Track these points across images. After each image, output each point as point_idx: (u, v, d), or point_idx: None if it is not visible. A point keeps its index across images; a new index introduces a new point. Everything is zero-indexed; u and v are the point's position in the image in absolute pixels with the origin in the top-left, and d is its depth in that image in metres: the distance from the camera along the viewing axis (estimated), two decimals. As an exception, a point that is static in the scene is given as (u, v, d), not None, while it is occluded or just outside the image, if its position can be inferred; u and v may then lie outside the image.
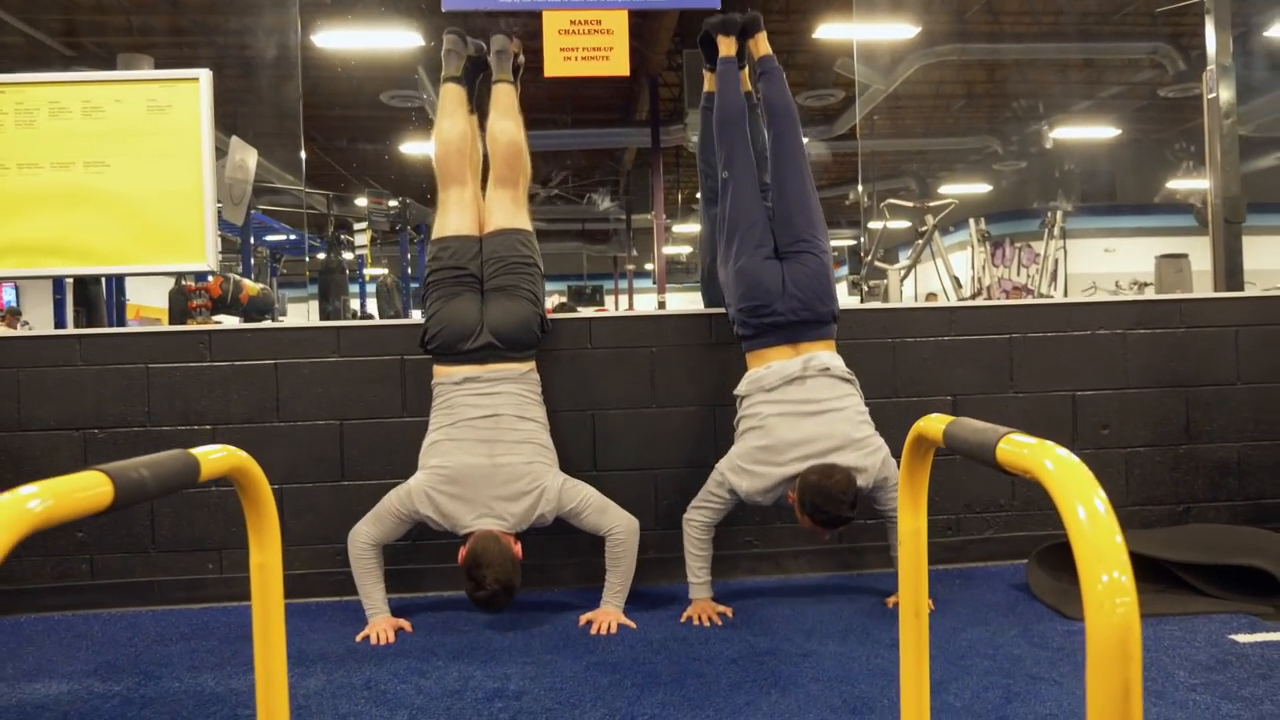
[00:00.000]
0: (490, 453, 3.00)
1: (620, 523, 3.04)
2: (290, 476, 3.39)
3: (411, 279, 12.34)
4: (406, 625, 3.03)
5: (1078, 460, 0.97)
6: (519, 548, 2.97)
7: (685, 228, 20.93)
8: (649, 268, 21.22)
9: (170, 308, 9.28)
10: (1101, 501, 0.90)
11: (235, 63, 11.28)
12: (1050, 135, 13.91)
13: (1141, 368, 3.56)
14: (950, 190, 17.45)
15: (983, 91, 15.11)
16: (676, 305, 20.11)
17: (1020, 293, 10.81)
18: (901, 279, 8.37)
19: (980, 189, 16.98)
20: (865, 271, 10.41)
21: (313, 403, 3.40)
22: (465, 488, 2.96)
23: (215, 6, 10.15)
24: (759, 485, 2.93)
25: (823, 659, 2.63)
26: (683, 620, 3.03)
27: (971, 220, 10.74)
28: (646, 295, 20.42)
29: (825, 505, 2.75)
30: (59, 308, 4.92)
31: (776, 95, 3.32)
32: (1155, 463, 3.54)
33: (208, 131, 3.35)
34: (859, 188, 16.91)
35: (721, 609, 3.07)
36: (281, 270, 12.91)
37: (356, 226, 12.06)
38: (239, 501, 3.26)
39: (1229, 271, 4.26)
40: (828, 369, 3.02)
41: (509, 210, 3.23)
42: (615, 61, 3.43)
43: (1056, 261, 11.76)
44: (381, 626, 2.98)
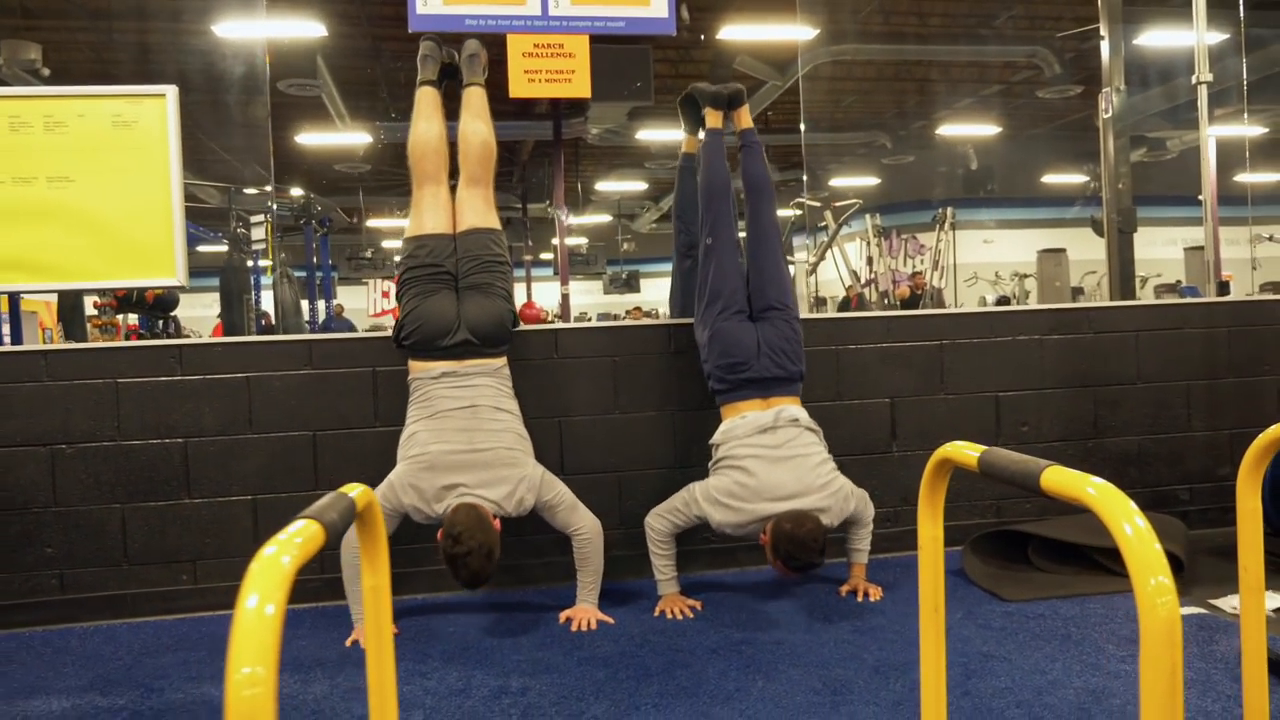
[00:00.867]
0: (470, 440, 3.13)
1: (586, 523, 3.22)
2: (264, 487, 3.46)
3: (317, 269, 12.11)
4: (394, 629, 3.15)
5: (1114, 487, 1.21)
6: (498, 523, 3.06)
7: (582, 219, 21.07)
8: (546, 257, 21.27)
9: (60, 303, 8.97)
10: (1140, 519, 1.14)
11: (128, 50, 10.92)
12: (936, 131, 14.58)
13: (1056, 370, 3.93)
14: (840, 183, 18.12)
15: (872, 88, 15.71)
16: (579, 299, 20.25)
17: (919, 281, 11.38)
18: (809, 272, 8.74)
19: (869, 181, 17.64)
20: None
21: (285, 414, 3.47)
22: (445, 473, 3.07)
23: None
24: (732, 520, 3.16)
25: (795, 646, 2.88)
26: (656, 614, 3.24)
27: (868, 215, 11.23)
28: (546, 285, 20.48)
29: (798, 553, 3.01)
30: (15, 324, 4.77)
31: (757, 170, 3.56)
32: (1068, 456, 3.92)
33: (175, 147, 3.37)
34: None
35: (691, 602, 3.29)
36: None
37: (253, 219, 11.77)
38: (212, 513, 3.33)
39: (1123, 278, 4.68)
40: (796, 420, 3.28)
41: (481, 210, 3.36)
42: (577, 84, 3.59)
43: (939, 254, 12.41)
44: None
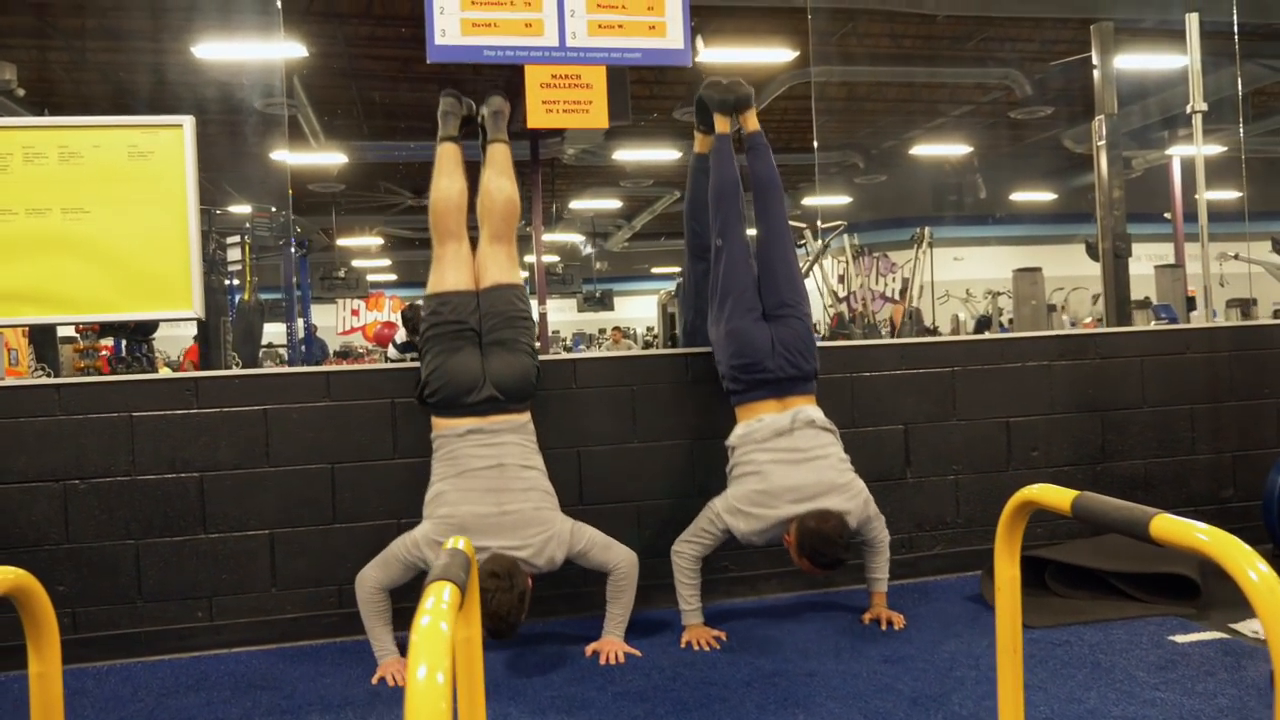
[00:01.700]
0: (498, 501, 3.11)
1: (624, 558, 3.21)
2: (281, 521, 3.42)
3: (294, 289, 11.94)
4: (418, 665, 3.11)
5: (1227, 533, 1.23)
6: (530, 581, 3.08)
7: (553, 236, 21.08)
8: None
9: (31, 325, 8.79)
10: (1262, 563, 1.18)
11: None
12: (909, 151, 14.78)
13: (1064, 395, 3.99)
14: (811, 202, 18.27)
15: (842, 108, 15.89)
16: (555, 317, 20.19)
17: (887, 304, 11.50)
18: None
19: (841, 200, 17.80)
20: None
21: (303, 447, 3.43)
22: (474, 536, 3.06)
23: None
24: (756, 526, 3.17)
25: (829, 678, 2.89)
26: (682, 645, 3.23)
27: (845, 235, 11.34)
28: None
29: (824, 549, 3.04)
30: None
31: (764, 170, 3.58)
32: (1077, 480, 3.97)
33: (192, 178, 3.34)
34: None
35: (716, 633, 3.29)
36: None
37: (229, 240, 11.60)
38: (228, 548, 3.28)
39: (1118, 301, 4.76)
40: (813, 421, 3.31)
41: (505, 266, 3.36)
42: (595, 114, 3.60)
43: (910, 273, 12.54)
44: (395, 668, 3.05)
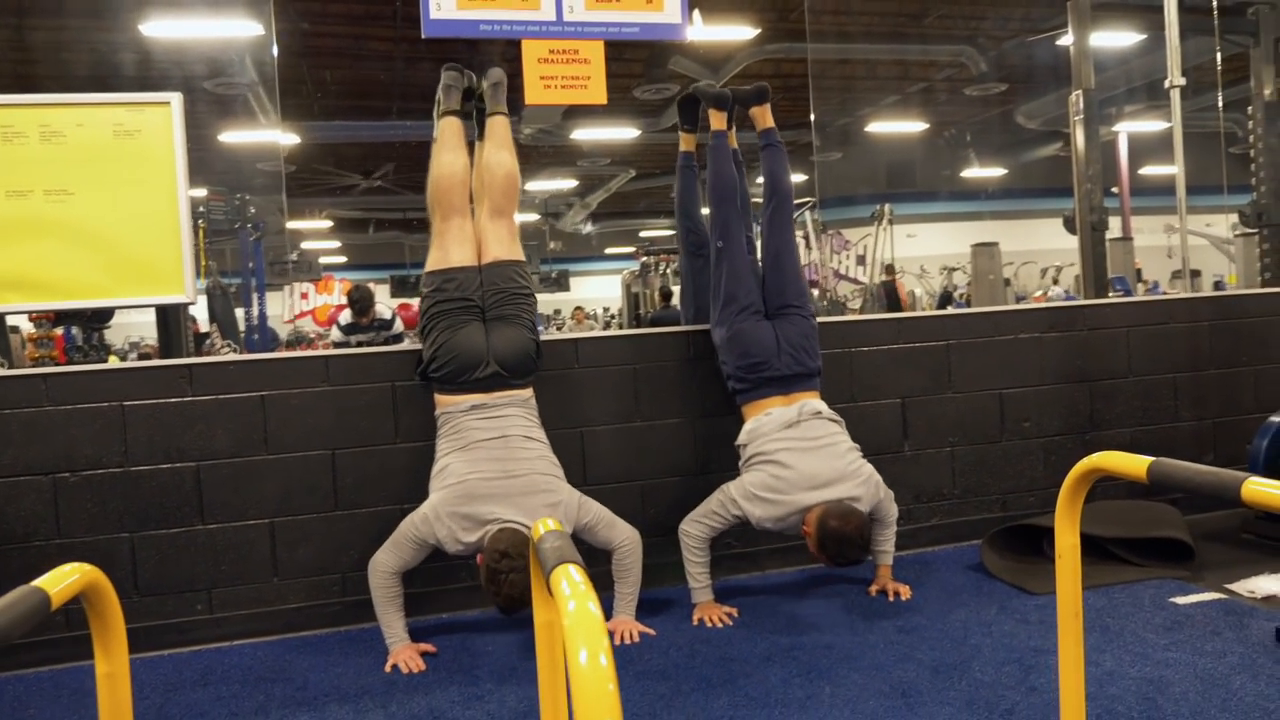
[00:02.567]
0: (504, 468, 3.08)
1: (628, 536, 3.20)
2: (282, 509, 3.34)
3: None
4: (431, 649, 3.08)
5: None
6: None
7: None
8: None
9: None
10: None
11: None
12: (864, 129, 14.87)
13: (1054, 367, 4.05)
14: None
15: (799, 85, 15.93)
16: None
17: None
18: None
19: (798, 178, 17.88)
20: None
21: (302, 434, 3.36)
22: (483, 502, 3.02)
23: None
24: (773, 513, 3.18)
25: (847, 649, 2.91)
26: (695, 622, 3.23)
27: (808, 211, 11.39)
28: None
29: (846, 550, 3.06)
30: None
31: (778, 173, 3.58)
32: (1067, 449, 4.04)
33: (181, 158, 3.23)
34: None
35: (728, 609, 3.29)
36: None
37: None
38: (227, 538, 3.21)
39: (1096, 275, 4.84)
40: (819, 413, 3.34)
41: (506, 242, 3.31)
42: (593, 90, 3.55)
43: (865, 249, 12.67)
44: (407, 655, 3.01)
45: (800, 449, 3.25)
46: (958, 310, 4.29)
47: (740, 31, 10.93)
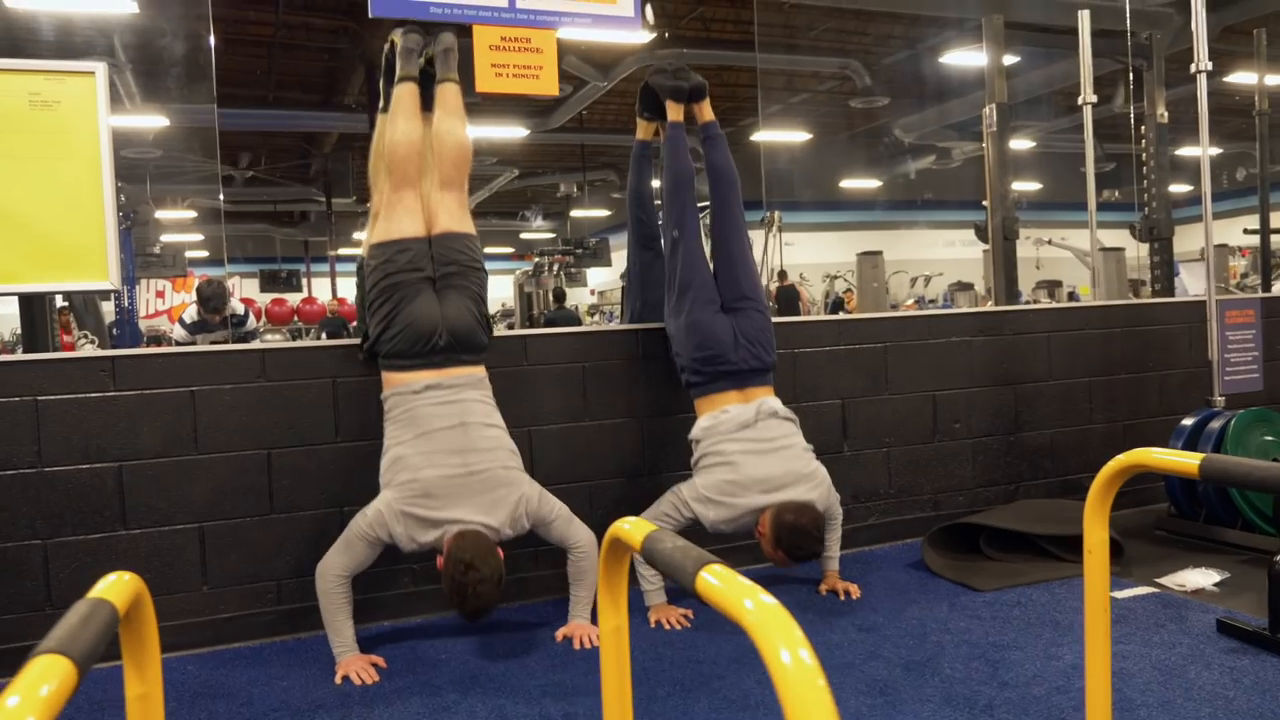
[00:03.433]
0: (464, 462, 2.95)
1: (583, 536, 3.12)
2: (212, 513, 3.12)
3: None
4: (380, 661, 2.92)
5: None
6: (500, 551, 2.93)
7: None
8: (350, 252, 20.48)
9: None
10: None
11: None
12: (752, 136, 15.12)
13: (982, 370, 4.17)
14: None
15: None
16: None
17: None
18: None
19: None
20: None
21: (235, 432, 3.15)
22: (441, 501, 2.89)
23: None
24: (725, 515, 3.14)
25: (818, 649, 2.89)
26: (652, 625, 3.18)
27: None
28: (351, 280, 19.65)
29: (803, 543, 3.05)
30: None
31: (721, 160, 3.55)
32: (994, 450, 4.17)
33: (105, 132, 2.98)
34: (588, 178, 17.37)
35: (683, 611, 3.25)
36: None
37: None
38: (152, 544, 2.97)
39: (1008, 282, 5.02)
40: (775, 412, 3.32)
41: (457, 214, 3.18)
42: (545, 81, 3.45)
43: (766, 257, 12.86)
44: (358, 665, 2.85)
45: (756, 451, 3.23)
46: (896, 313, 4.37)
47: (637, 36, 10.93)
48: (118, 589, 1.14)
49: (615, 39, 3.41)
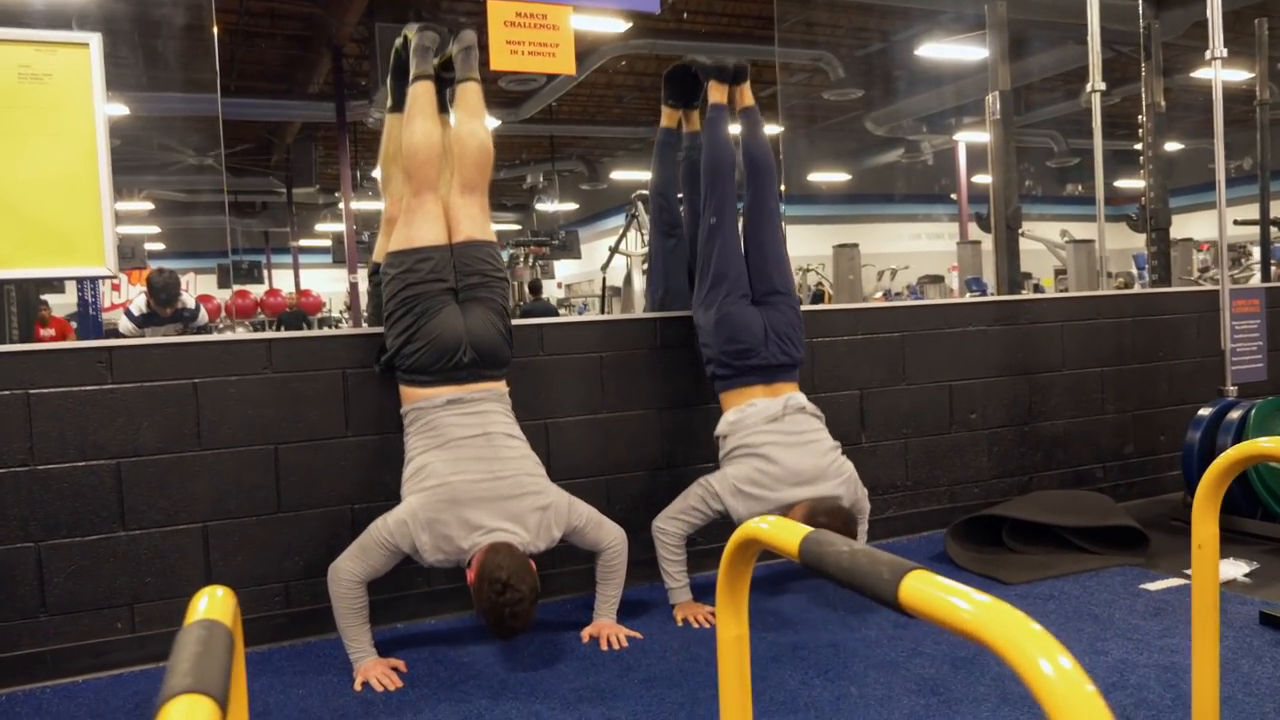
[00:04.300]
0: (489, 469, 2.82)
1: (617, 537, 3.01)
2: (216, 512, 2.95)
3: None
4: (401, 665, 2.78)
5: None
6: (534, 565, 2.81)
7: (359, 205, 20.09)
8: (312, 244, 20.16)
9: None
10: None
11: None
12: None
13: (998, 359, 4.11)
14: (620, 176, 18.33)
15: (651, 84, 15.97)
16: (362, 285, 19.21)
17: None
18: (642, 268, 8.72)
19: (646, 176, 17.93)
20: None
21: (241, 427, 2.98)
22: (469, 507, 2.76)
23: None
24: (757, 510, 3.03)
25: (853, 647, 2.81)
26: (679, 623, 3.07)
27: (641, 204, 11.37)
28: (317, 271, 19.36)
29: None
30: None
31: (760, 149, 3.43)
32: (1009, 440, 4.12)
33: (101, 109, 2.80)
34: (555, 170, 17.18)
35: (709, 608, 3.14)
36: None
37: None
38: (152, 546, 2.81)
39: (1010, 271, 4.98)
40: (803, 407, 3.24)
41: (479, 220, 3.04)
42: (561, 59, 3.32)
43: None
44: (379, 670, 2.71)
45: (785, 444, 3.14)
46: (913, 303, 4.28)
47: (613, 24, 10.78)
48: (221, 607, 1.01)
49: (631, 6, 3.24)
